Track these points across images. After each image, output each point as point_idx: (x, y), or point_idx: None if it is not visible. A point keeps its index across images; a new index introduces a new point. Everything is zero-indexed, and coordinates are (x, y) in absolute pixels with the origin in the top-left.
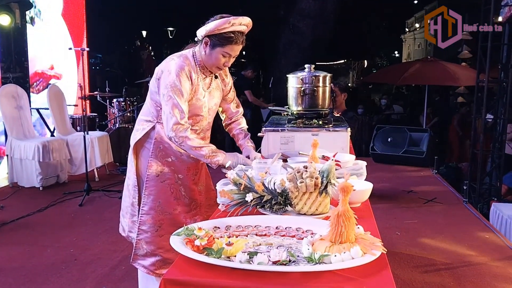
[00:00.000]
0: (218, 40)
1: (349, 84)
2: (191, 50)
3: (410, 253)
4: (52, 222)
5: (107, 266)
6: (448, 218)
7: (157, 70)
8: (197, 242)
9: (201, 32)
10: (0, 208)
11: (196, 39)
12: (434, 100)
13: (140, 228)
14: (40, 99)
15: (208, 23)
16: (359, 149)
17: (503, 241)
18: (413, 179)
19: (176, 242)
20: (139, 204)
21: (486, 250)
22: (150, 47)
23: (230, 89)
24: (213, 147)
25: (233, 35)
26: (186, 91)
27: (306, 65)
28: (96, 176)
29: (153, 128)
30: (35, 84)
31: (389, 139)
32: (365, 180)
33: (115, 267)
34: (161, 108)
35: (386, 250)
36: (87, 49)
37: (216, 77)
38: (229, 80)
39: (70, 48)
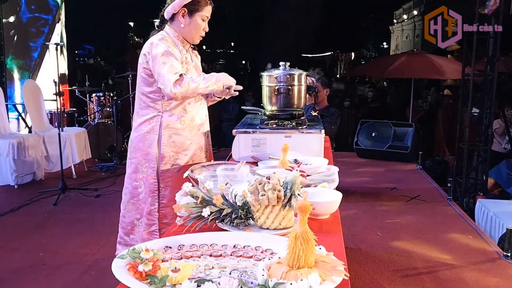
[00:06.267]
0: (195, 5)
1: (337, 76)
2: (163, 32)
3: (391, 255)
4: (24, 223)
5: (76, 271)
6: (431, 217)
7: (141, 57)
8: (140, 268)
9: (173, 8)
10: None
11: (157, 24)
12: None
13: (161, 222)
14: None
15: (172, 0)
16: (345, 142)
17: (487, 243)
18: (397, 175)
19: (118, 267)
20: (159, 210)
21: (469, 252)
22: (136, 38)
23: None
24: (204, 75)
25: None
26: (177, 54)
27: (281, 63)
28: (74, 173)
29: (160, 121)
30: None
31: (373, 134)
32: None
33: (84, 272)
34: (161, 96)
35: (348, 276)
36: (61, 43)
37: (195, 55)
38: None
39: (47, 43)
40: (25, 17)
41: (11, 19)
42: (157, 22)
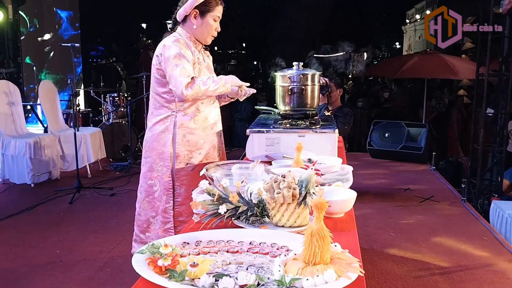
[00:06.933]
0: (206, 6)
1: (350, 76)
2: (175, 33)
3: (404, 256)
4: (41, 221)
5: (92, 268)
6: (445, 218)
7: (154, 58)
8: (159, 263)
9: (184, 10)
10: None
11: (170, 26)
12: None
13: (177, 220)
14: None
15: (183, 2)
16: (358, 143)
17: (502, 244)
18: (410, 175)
19: (138, 261)
20: (174, 208)
21: (484, 253)
22: (145, 38)
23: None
24: (214, 78)
25: None
26: (189, 56)
27: (294, 63)
28: (89, 172)
29: (174, 121)
30: None
31: (387, 134)
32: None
33: (100, 269)
34: (174, 96)
35: (363, 272)
36: (77, 45)
37: (207, 55)
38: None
39: (60, 44)
40: (68, 34)
41: (46, 36)
42: (170, 24)
